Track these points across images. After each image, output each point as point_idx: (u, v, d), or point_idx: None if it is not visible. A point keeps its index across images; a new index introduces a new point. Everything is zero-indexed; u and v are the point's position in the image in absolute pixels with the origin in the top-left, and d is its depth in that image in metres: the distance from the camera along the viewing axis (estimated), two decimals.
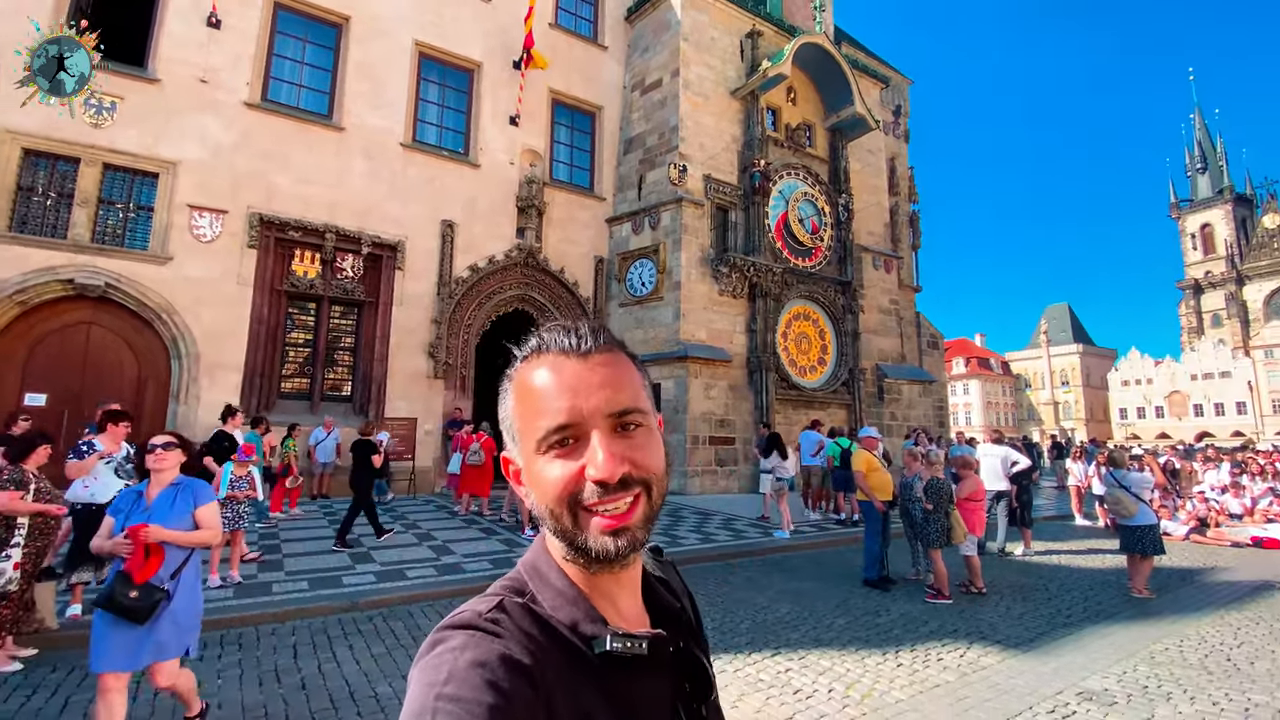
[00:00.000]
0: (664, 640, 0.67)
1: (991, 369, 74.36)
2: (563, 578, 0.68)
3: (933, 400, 20.26)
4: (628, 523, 0.65)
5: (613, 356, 0.69)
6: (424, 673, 0.57)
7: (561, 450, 0.65)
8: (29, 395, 10.39)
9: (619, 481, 0.63)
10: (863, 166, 18.53)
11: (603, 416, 0.65)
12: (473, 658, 0.57)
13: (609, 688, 0.63)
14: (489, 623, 0.61)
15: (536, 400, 0.66)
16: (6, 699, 3.68)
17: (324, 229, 12.28)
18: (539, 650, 0.61)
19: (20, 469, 4.20)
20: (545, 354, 0.68)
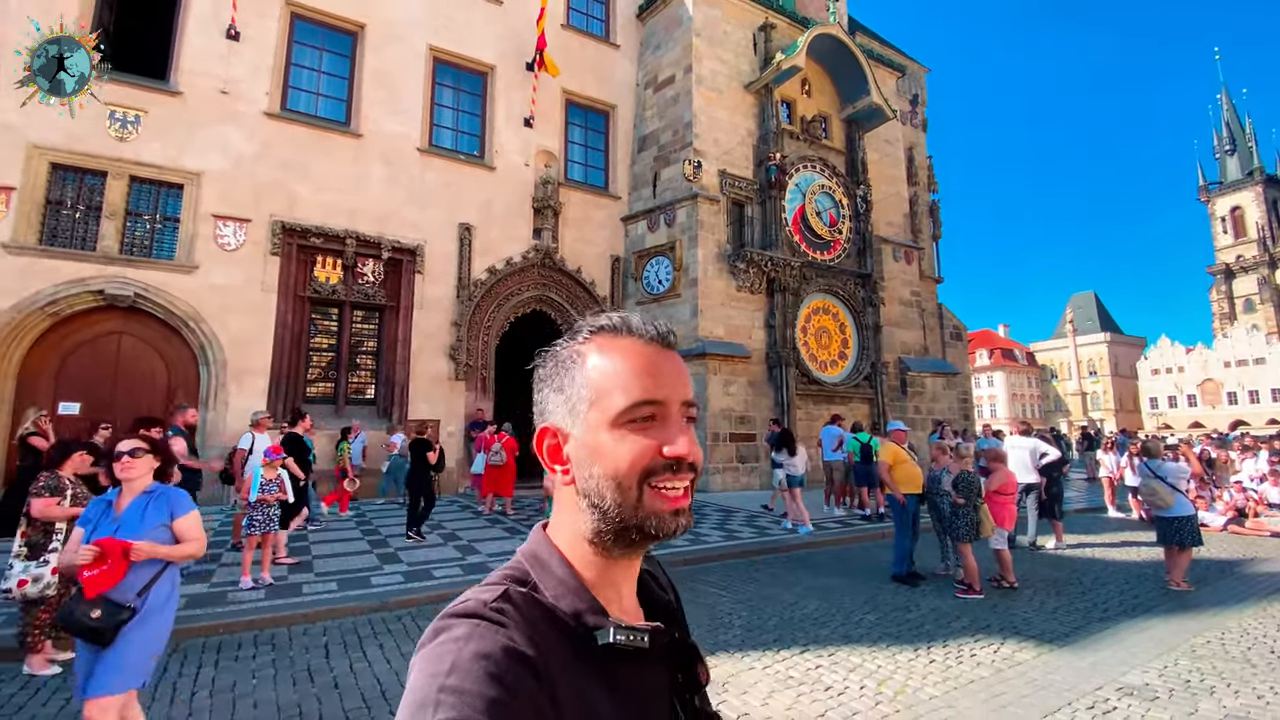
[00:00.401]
0: (662, 633, 0.68)
1: (1016, 360, 73.04)
2: (565, 567, 0.68)
3: (957, 393, 19.95)
4: (686, 504, 0.67)
5: (679, 355, 0.73)
6: (427, 662, 0.57)
7: (641, 425, 0.66)
8: (62, 404, 10.67)
9: (689, 464, 0.67)
10: (880, 157, 18.30)
11: (680, 403, 0.68)
12: (477, 649, 0.56)
13: (612, 679, 0.63)
14: (494, 612, 0.61)
15: (623, 373, 0.68)
16: (46, 702, 3.76)
17: (344, 235, 12.43)
18: (543, 641, 0.61)
19: (57, 475, 4.30)
20: (629, 334, 0.71)
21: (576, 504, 0.69)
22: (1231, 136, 65.61)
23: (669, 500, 0.66)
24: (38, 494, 4.17)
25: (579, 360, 0.70)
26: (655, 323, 0.73)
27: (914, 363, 17.32)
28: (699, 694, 0.75)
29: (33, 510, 4.12)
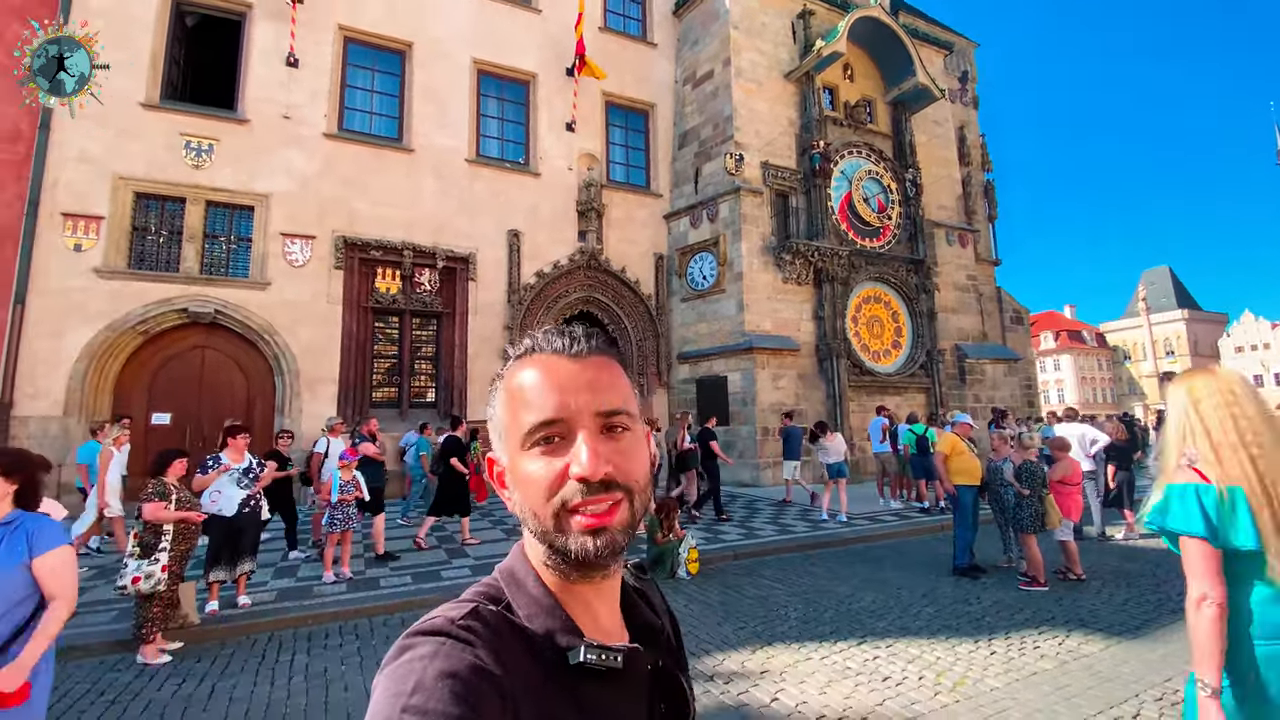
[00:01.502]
0: (640, 655, 0.66)
1: (1085, 341, 69.53)
2: (539, 585, 0.67)
3: (1019, 379, 19.26)
4: (608, 524, 0.63)
5: (605, 360, 0.69)
6: (390, 681, 0.55)
7: (547, 448, 0.64)
8: (155, 415, 11.54)
9: (601, 482, 0.63)
10: (929, 138, 17.79)
11: (590, 415, 0.65)
12: (442, 668, 0.55)
13: (581, 701, 0.62)
14: (462, 630, 0.59)
15: (524, 397, 0.66)
16: (160, 687, 4.18)
17: (402, 246, 12.99)
18: (511, 660, 0.59)
19: (163, 481, 4.75)
20: (537, 354, 0.69)
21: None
22: None
23: (586, 520, 0.63)
24: (147, 499, 4.62)
25: (497, 390, 0.70)
26: (571, 332, 0.70)
27: (972, 349, 16.82)
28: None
29: (144, 514, 4.57)
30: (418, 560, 7.16)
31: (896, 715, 3.51)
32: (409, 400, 13.33)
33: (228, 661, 4.56)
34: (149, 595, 4.50)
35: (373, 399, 13.06)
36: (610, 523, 0.63)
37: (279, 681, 4.17)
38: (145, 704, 3.85)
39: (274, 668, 4.41)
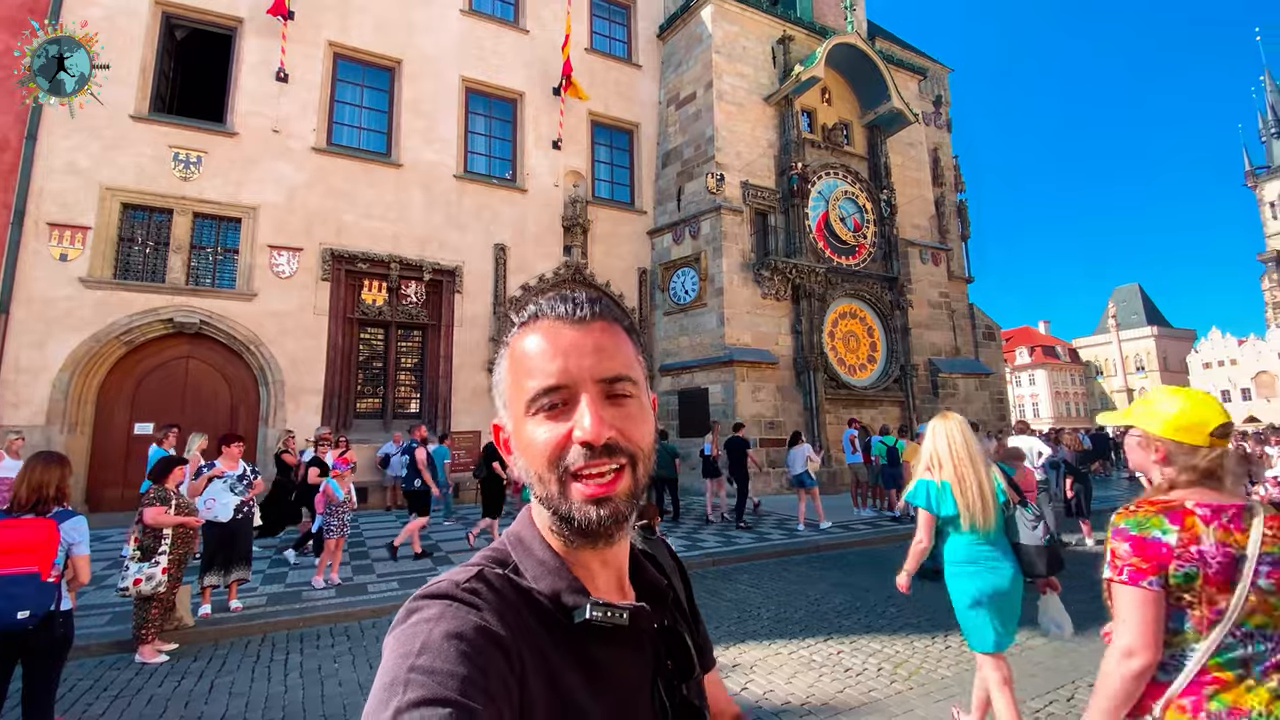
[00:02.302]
0: (646, 614, 0.67)
1: (1058, 357, 71.24)
2: (546, 548, 0.68)
3: (991, 393, 19.87)
4: (611, 493, 0.64)
5: (609, 325, 0.69)
6: (398, 642, 0.57)
7: (551, 413, 0.65)
8: (138, 425, 11.57)
9: (604, 447, 0.63)
10: (904, 160, 18.45)
11: (593, 381, 0.65)
12: (447, 629, 0.56)
13: (588, 659, 0.63)
14: (466, 593, 0.61)
15: (528, 362, 0.66)
16: (161, 684, 4.35)
17: (388, 259, 13.20)
18: (516, 621, 0.61)
19: (164, 487, 4.94)
20: (541, 320, 0.68)
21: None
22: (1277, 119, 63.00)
23: (590, 489, 0.63)
24: (149, 504, 4.80)
25: (504, 354, 0.71)
26: (575, 297, 0.70)
27: (944, 364, 17.37)
28: (688, 681, 0.73)
29: (145, 518, 4.76)
30: (401, 569, 7.36)
31: (855, 701, 3.82)
32: (393, 411, 13.48)
33: (223, 661, 4.74)
34: (149, 597, 4.68)
35: (357, 409, 13.19)
36: (614, 491, 0.64)
37: (275, 678, 4.37)
38: (148, 699, 4.04)
39: (269, 666, 4.60)
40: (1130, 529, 1.52)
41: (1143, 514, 1.51)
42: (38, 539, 2.87)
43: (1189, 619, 1.44)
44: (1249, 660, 1.41)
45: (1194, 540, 1.44)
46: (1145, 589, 1.45)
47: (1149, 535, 1.48)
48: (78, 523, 3.13)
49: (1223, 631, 1.42)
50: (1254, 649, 1.41)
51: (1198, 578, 1.43)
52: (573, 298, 0.69)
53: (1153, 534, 1.47)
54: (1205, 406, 1.57)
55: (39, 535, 2.88)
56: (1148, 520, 1.50)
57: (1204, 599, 1.42)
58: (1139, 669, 1.43)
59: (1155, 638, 1.43)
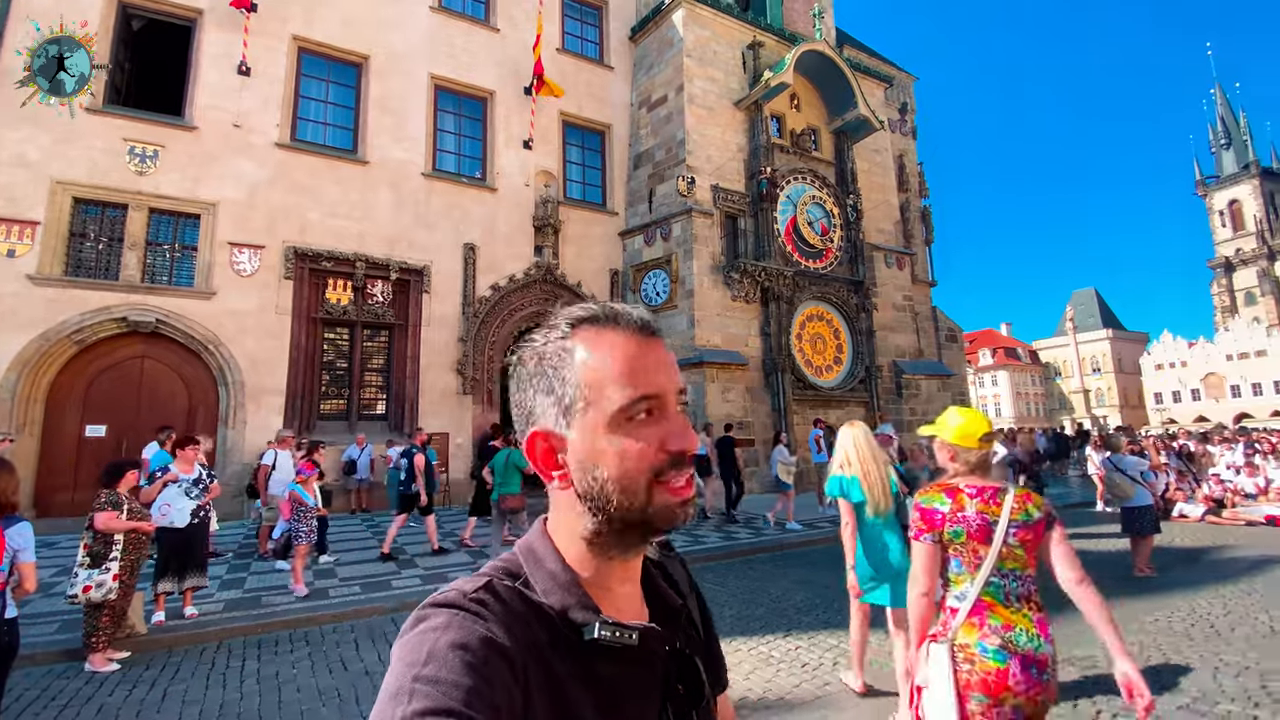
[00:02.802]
0: (657, 635, 0.66)
1: (1019, 359, 73.26)
2: (558, 562, 0.67)
3: (953, 394, 20.36)
4: (690, 494, 0.66)
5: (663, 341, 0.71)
6: (404, 651, 0.57)
7: (641, 422, 0.65)
8: (89, 427, 11.21)
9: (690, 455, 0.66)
10: (870, 166, 18.81)
11: (674, 393, 0.67)
12: (453, 639, 0.56)
13: (594, 677, 0.62)
14: (474, 603, 0.60)
15: (615, 368, 0.65)
16: (112, 692, 4.25)
17: (354, 258, 13.00)
18: (523, 634, 0.60)
19: (115, 492, 4.81)
20: (615, 325, 0.68)
21: (573, 506, 0.67)
22: (1226, 131, 65.99)
23: (676, 493, 0.65)
24: (100, 509, 4.68)
25: (566, 357, 0.67)
26: (637, 310, 0.70)
27: (908, 365, 17.76)
28: (699, 707, 0.71)
29: (96, 523, 4.63)
30: (366, 573, 7.28)
31: (809, 695, 3.93)
32: (358, 412, 13.28)
33: (177, 669, 4.64)
34: (99, 604, 4.56)
35: (321, 410, 12.97)
36: (691, 493, 0.66)
37: (230, 685, 4.30)
38: (98, 708, 3.94)
39: (224, 673, 4.53)
40: (921, 503, 2.22)
41: (930, 493, 2.22)
42: None
43: (962, 563, 2.14)
44: (1007, 591, 2.11)
45: (961, 509, 2.14)
46: (924, 543, 2.17)
47: (930, 506, 2.20)
48: (23, 529, 3.05)
49: (987, 572, 2.08)
50: (1010, 584, 2.11)
51: (963, 535, 2.12)
52: (638, 311, 0.70)
53: (933, 505, 2.19)
54: (977, 421, 2.25)
55: None
56: (932, 497, 2.21)
57: (969, 549, 2.12)
58: (921, 592, 2.17)
59: (931, 573, 2.17)
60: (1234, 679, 3.99)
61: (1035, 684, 1.98)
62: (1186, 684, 3.94)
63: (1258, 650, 4.46)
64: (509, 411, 5.17)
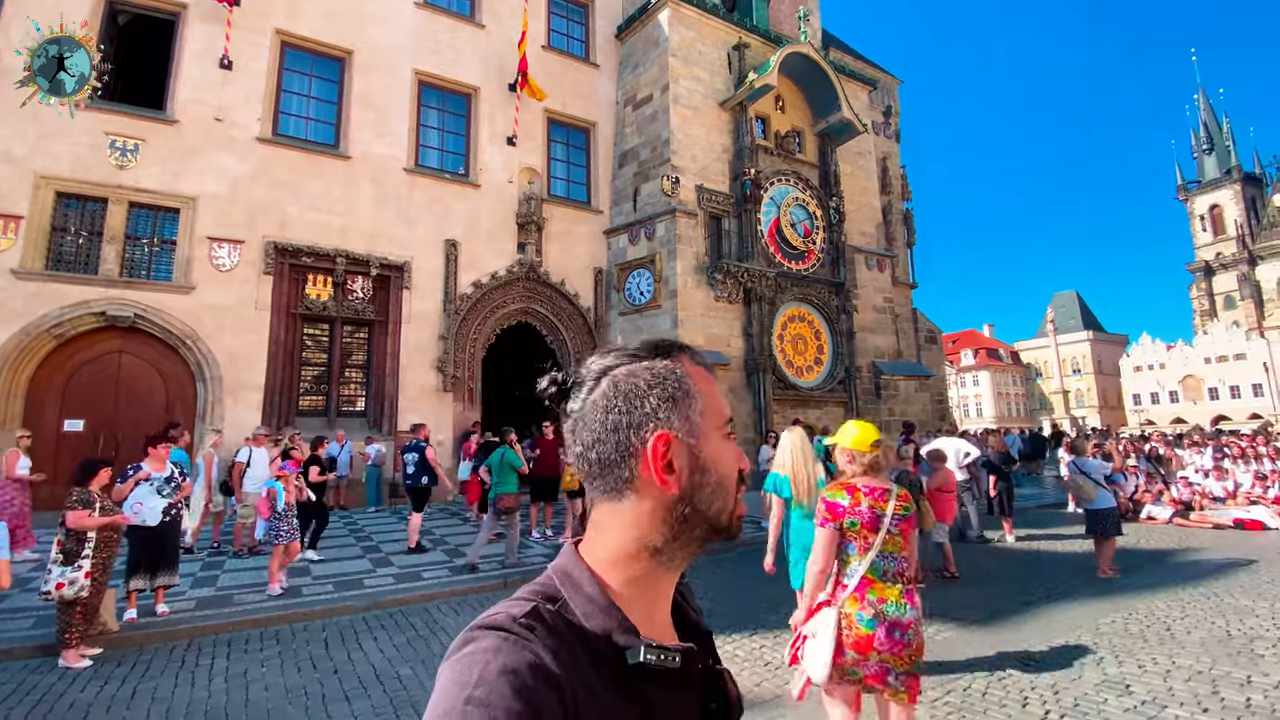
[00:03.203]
0: (696, 655, 0.69)
1: (1001, 359, 74.16)
2: (595, 585, 0.68)
3: (931, 394, 20.62)
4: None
5: None
6: (455, 671, 0.58)
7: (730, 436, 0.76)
8: (68, 421, 11.12)
9: None
10: (853, 169, 18.98)
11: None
12: (504, 663, 0.57)
13: (640, 700, 0.64)
14: (522, 628, 0.61)
15: (715, 393, 0.75)
16: (84, 689, 4.29)
17: (335, 254, 12.95)
18: (570, 659, 0.61)
19: (87, 490, 4.83)
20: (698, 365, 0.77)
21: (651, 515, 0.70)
22: (1209, 136, 66.99)
23: (742, 507, 0.74)
24: (71, 507, 4.69)
25: (688, 377, 0.74)
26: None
27: (887, 366, 17.98)
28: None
29: (68, 521, 4.65)
30: (340, 570, 7.31)
31: (769, 694, 4.05)
32: (337, 409, 13.25)
33: (148, 665, 4.68)
34: (71, 601, 4.59)
35: (299, 407, 12.92)
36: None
37: (199, 683, 4.34)
38: (70, 704, 3.98)
39: (194, 671, 4.57)
40: (828, 497, 2.81)
41: (834, 490, 2.83)
42: None
43: (855, 548, 2.73)
44: (885, 570, 2.68)
45: (857, 504, 2.73)
46: (828, 530, 2.75)
47: (834, 500, 2.78)
48: None
49: (873, 555, 2.66)
50: (888, 564, 2.68)
51: (858, 524, 2.70)
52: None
53: (836, 500, 2.77)
54: (869, 430, 2.88)
55: None
56: (835, 493, 2.80)
57: (861, 536, 2.70)
58: (819, 569, 2.76)
59: (829, 555, 2.76)
60: (1185, 683, 4.10)
61: (898, 643, 2.61)
62: (1137, 687, 4.04)
63: (1211, 654, 4.57)
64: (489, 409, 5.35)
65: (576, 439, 0.74)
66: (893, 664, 2.60)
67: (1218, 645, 4.77)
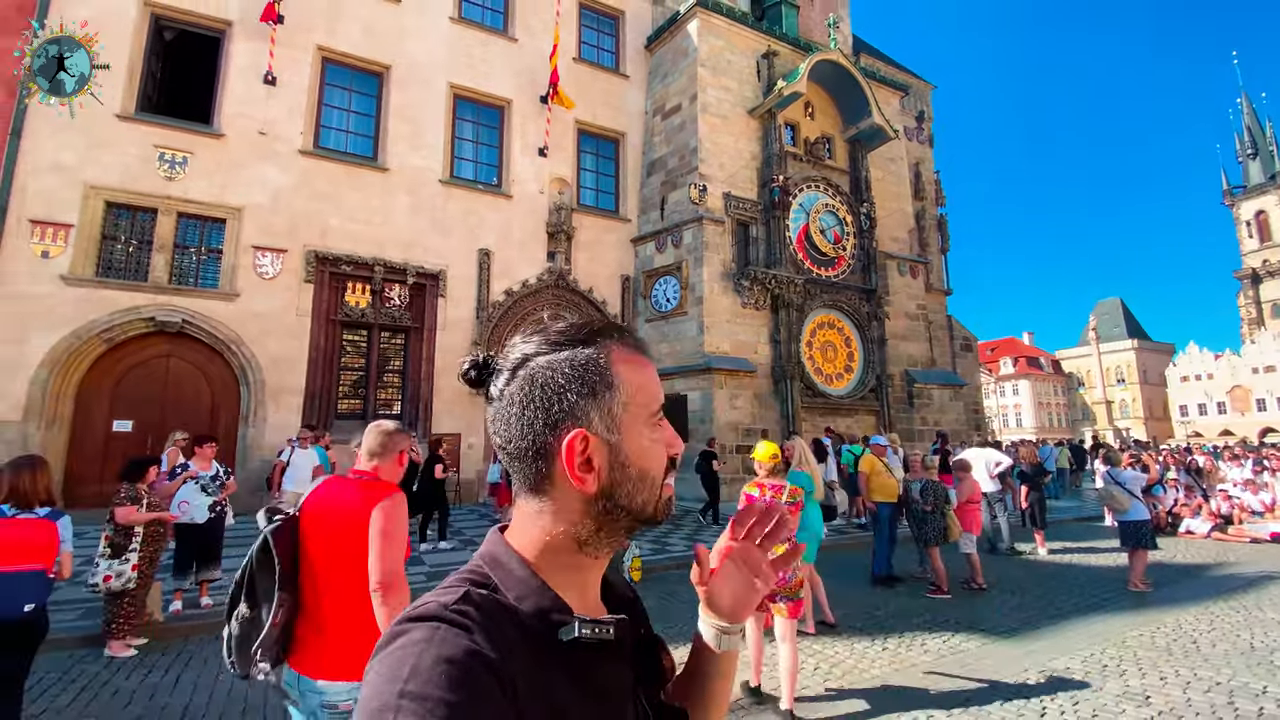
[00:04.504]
0: (627, 626, 0.70)
1: (1041, 368, 72.17)
2: (524, 567, 0.69)
3: (965, 404, 20.25)
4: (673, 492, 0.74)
5: None
6: (385, 666, 0.56)
7: (658, 429, 0.73)
8: (116, 423, 11.65)
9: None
10: (884, 174, 18.81)
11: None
12: (438, 653, 0.55)
13: (578, 676, 0.64)
14: (455, 614, 0.60)
15: (648, 381, 0.73)
16: (129, 677, 4.53)
17: (373, 262, 13.36)
18: (506, 643, 0.60)
19: (135, 487, 5.11)
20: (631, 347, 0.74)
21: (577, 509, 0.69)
22: (1253, 140, 64.39)
23: (669, 489, 0.73)
24: (120, 503, 4.97)
25: (611, 367, 0.71)
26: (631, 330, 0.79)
27: (920, 374, 17.71)
28: (663, 687, 0.76)
29: (116, 517, 4.93)
30: None
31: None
32: (374, 412, 13.60)
33: (191, 656, 4.91)
34: (119, 593, 4.85)
35: (338, 410, 13.32)
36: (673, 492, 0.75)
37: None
38: (114, 691, 4.21)
39: None
40: (746, 490, 4.22)
41: (750, 485, 4.22)
42: (43, 538, 3.10)
43: None
44: None
45: (763, 495, 3.92)
46: None
47: (749, 493, 4.15)
48: (66, 522, 3.34)
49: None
50: None
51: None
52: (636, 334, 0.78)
53: (750, 492, 4.15)
54: (771, 447, 4.31)
55: (43, 534, 3.11)
56: (751, 488, 4.19)
57: None
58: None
59: None
60: (1203, 694, 4.05)
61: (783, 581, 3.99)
62: (1157, 699, 3.99)
63: (1232, 667, 4.50)
64: None
65: (495, 431, 0.73)
66: (779, 592, 4.07)
67: (1240, 658, 4.70)
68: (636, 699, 0.71)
